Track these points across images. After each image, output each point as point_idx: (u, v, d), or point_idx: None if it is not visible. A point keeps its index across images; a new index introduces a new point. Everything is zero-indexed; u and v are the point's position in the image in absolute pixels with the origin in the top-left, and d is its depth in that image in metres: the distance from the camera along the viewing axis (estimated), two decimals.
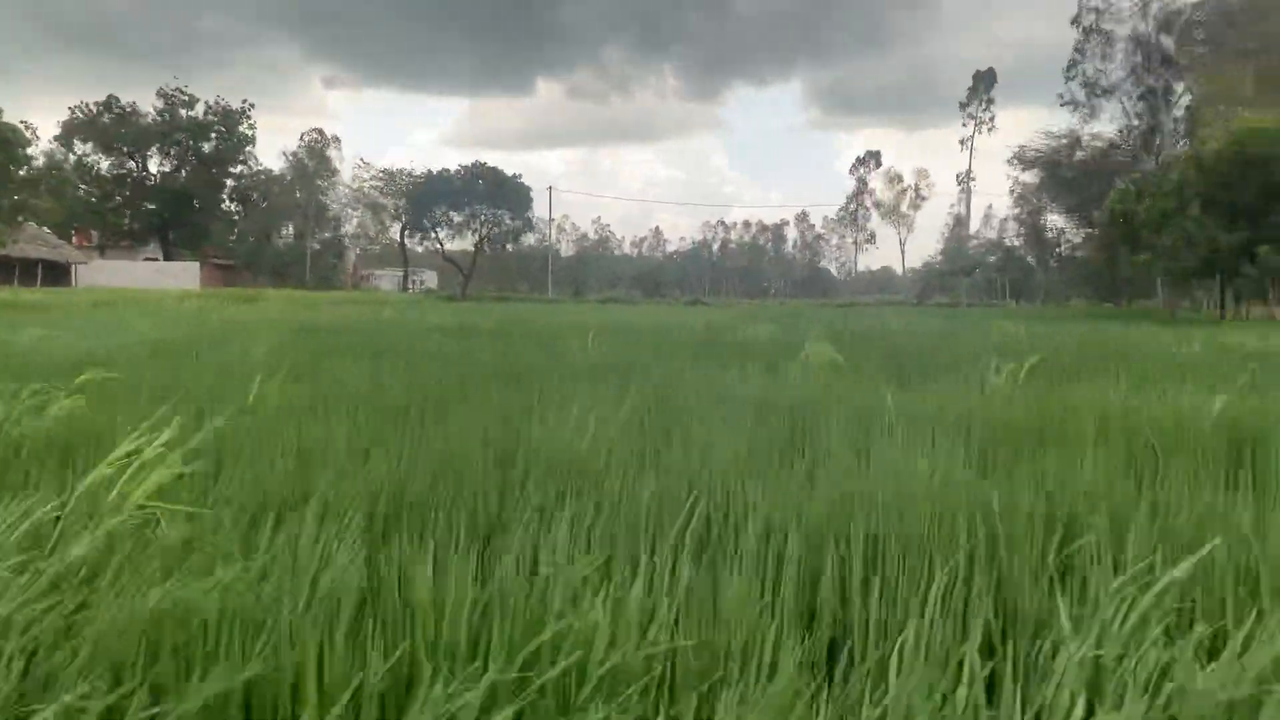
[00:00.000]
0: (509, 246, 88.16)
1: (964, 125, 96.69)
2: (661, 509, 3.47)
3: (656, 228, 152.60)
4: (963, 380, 8.59)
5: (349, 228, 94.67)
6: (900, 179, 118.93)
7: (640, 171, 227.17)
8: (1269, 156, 33.36)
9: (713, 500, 3.66)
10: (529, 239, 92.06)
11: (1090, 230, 56.33)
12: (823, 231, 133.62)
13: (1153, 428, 5.42)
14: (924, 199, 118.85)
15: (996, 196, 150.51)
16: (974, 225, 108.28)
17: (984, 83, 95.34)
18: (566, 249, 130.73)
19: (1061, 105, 58.24)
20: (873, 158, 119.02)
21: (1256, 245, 33.73)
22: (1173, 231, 35.25)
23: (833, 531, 3.11)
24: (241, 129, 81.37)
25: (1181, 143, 41.06)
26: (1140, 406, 6.24)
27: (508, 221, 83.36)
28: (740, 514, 3.50)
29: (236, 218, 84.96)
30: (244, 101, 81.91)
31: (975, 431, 5.37)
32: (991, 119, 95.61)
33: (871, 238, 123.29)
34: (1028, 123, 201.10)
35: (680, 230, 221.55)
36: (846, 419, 5.75)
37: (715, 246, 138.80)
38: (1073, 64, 57.21)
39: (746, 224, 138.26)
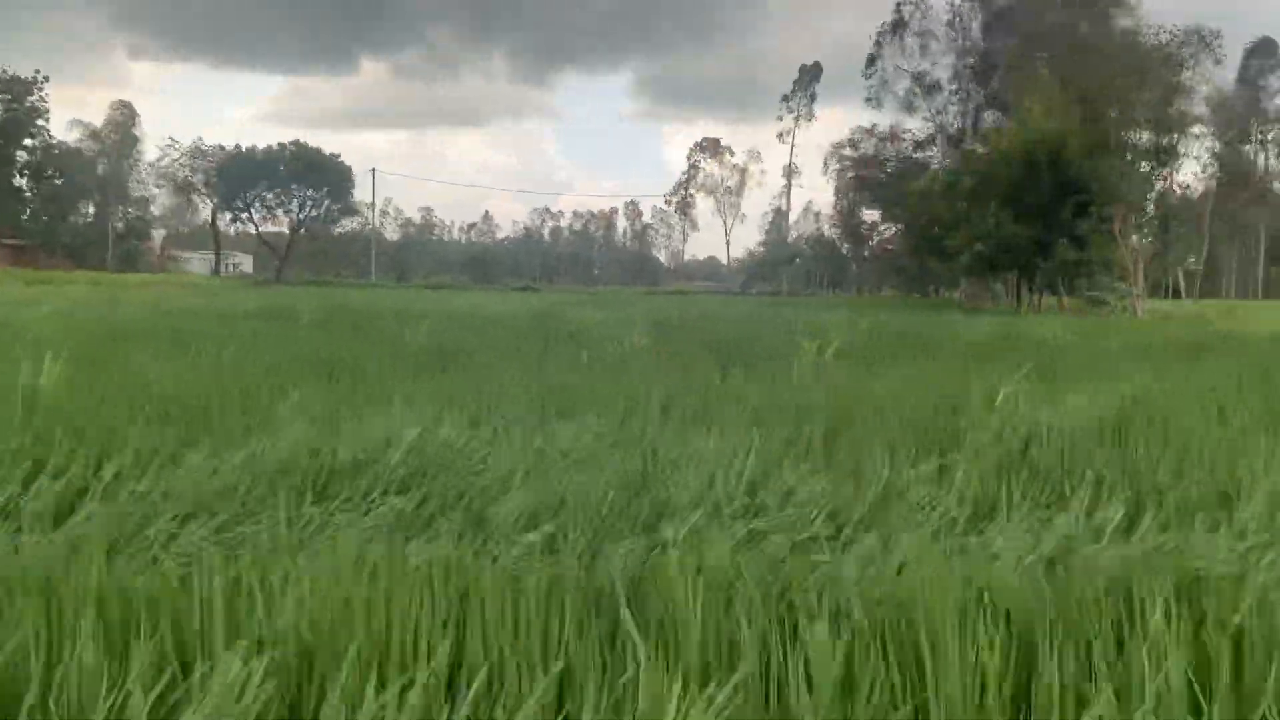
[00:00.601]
0: (329, 229, 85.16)
1: (780, 119, 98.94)
2: None
3: (487, 213, 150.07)
4: (778, 366, 8.87)
5: (156, 207, 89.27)
6: (730, 151, 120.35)
7: (470, 156, 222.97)
8: (1058, 158, 35.80)
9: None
10: (350, 222, 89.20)
11: (898, 226, 58.86)
12: (652, 221, 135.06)
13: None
14: (753, 184, 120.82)
15: (816, 191, 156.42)
16: (794, 217, 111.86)
17: (809, 76, 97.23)
18: (392, 233, 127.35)
19: (872, 106, 59.99)
20: (710, 144, 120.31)
21: (1050, 241, 36.12)
22: (973, 227, 37.36)
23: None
24: (33, 99, 75.29)
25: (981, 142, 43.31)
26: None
27: (327, 203, 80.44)
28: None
29: (29, 195, 78.65)
30: (36, 71, 75.87)
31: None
32: (811, 112, 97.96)
33: (695, 225, 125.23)
34: (849, 118, 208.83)
35: (512, 216, 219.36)
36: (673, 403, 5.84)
37: (546, 233, 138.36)
38: (871, 61, 58.98)
39: (578, 212, 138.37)
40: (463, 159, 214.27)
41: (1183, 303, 52.19)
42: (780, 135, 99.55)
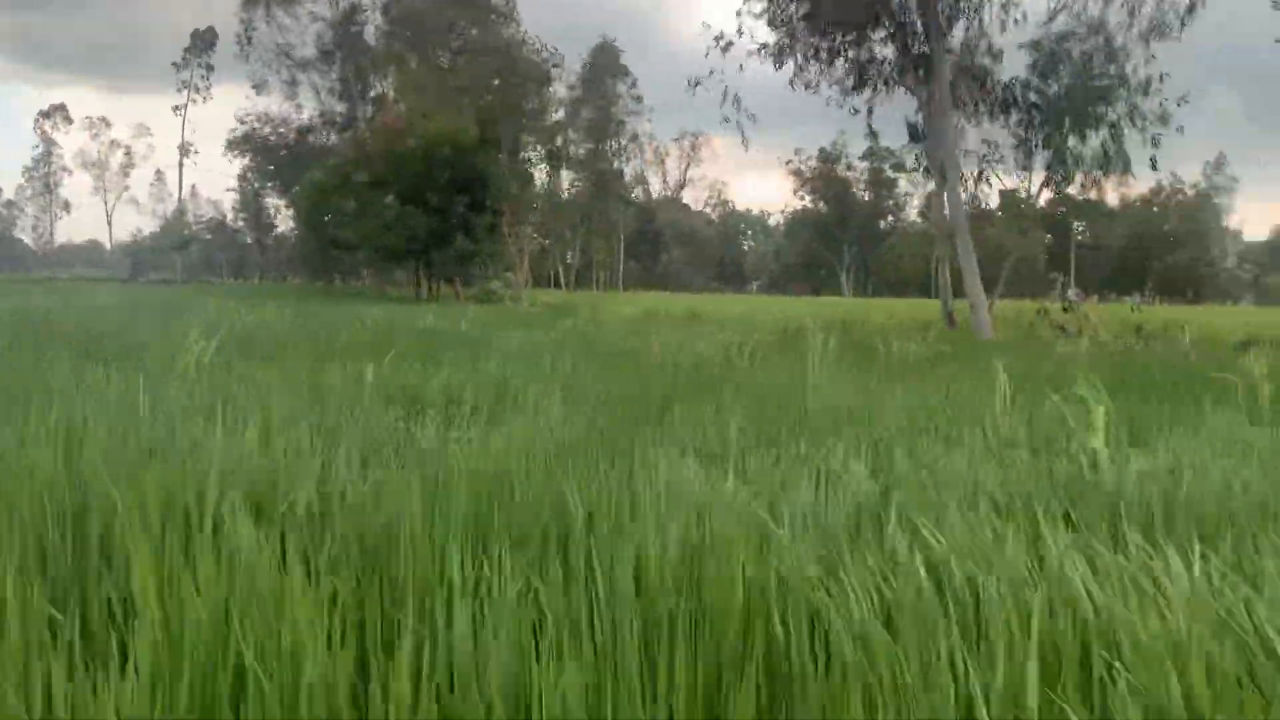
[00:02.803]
0: None
1: (180, 91, 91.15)
2: None
3: None
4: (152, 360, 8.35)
5: None
6: (107, 125, 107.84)
7: None
8: (453, 153, 37.93)
9: None
10: None
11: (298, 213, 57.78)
12: (14, 197, 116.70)
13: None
14: (133, 165, 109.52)
15: (213, 172, 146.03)
16: (192, 199, 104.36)
17: (203, 43, 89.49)
18: None
19: (253, 87, 58.20)
20: (58, 110, 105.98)
21: (446, 233, 38.08)
22: (374, 219, 38.08)
23: None
24: None
25: (379, 132, 43.92)
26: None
27: None
28: None
29: None
30: None
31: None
32: (209, 85, 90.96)
33: (66, 206, 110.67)
34: (250, 97, 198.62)
35: None
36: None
37: None
38: (242, 41, 57.24)
39: None
40: None
41: (561, 292, 58.37)
42: (176, 109, 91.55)
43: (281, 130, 59.80)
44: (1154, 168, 24.43)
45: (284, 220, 73.08)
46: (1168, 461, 4.62)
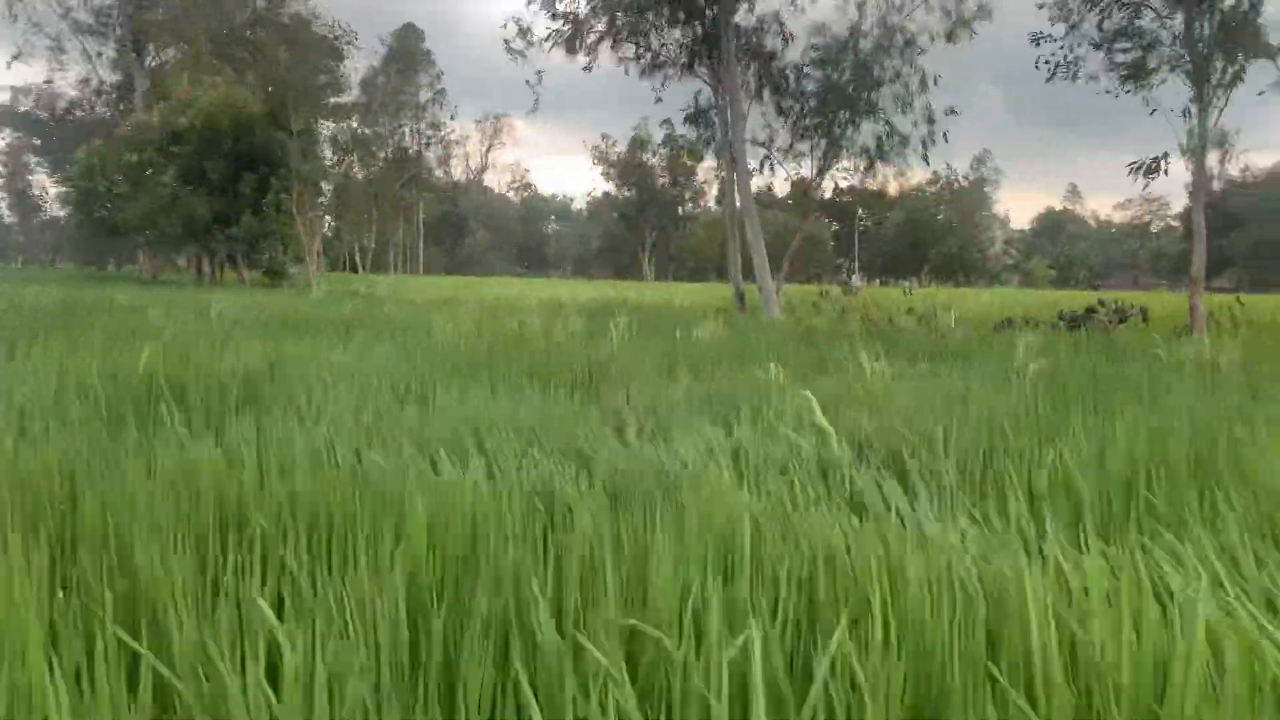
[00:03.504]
0: None
1: None
2: None
3: None
4: None
5: None
6: None
7: None
8: (237, 129, 36.03)
9: None
10: None
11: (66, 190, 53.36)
12: None
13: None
14: None
15: None
16: None
17: None
18: None
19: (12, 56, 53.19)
20: None
21: (230, 215, 36.05)
22: (150, 200, 35.67)
23: None
24: None
25: (157, 106, 40.87)
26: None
27: None
28: None
29: None
30: None
31: None
32: None
33: None
34: (13, 67, 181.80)
35: None
36: None
37: None
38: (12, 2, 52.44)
39: None
40: None
41: (356, 276, 56.66)
42: None
43: (53, 102, 55.07)
44: (926, 162, 25.63)
45: (53, 201, 67.56)
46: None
